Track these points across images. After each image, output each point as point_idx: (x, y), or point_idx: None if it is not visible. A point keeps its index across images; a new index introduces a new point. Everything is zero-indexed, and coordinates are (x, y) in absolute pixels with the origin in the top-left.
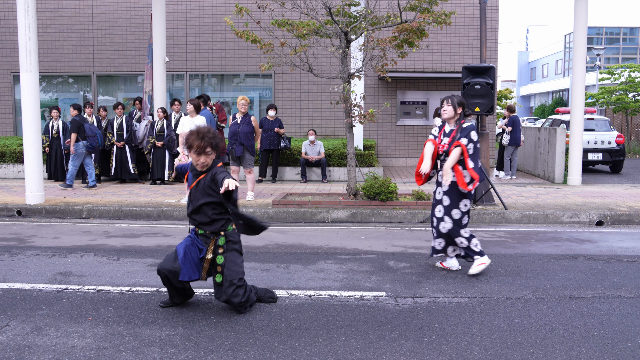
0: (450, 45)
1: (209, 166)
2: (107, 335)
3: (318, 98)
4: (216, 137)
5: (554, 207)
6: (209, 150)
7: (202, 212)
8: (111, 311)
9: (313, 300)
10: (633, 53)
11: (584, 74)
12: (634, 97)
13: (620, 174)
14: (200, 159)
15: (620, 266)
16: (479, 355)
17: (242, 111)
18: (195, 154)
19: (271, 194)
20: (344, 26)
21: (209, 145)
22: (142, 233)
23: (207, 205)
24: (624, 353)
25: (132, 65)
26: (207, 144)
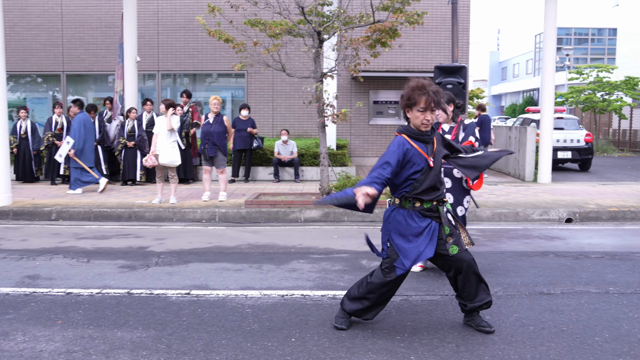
0: (423, 45)
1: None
2: (77, 339)
3: (291, 98)
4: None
5: (525, 205)
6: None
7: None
8: (81, 314)
9: (286, 300)
10: (601, 53)
11: (553, 74)
12: (601, 97)
13: (589, 172)
14: (427, 116)
15: (589, 262)
16: (451, 352)
17: (215, 111)
18: (422, 111)
19: (244, 194)
20: (316, 26)
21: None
22: (112, 234)
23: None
24: (592, 347)
25: (102, 65)
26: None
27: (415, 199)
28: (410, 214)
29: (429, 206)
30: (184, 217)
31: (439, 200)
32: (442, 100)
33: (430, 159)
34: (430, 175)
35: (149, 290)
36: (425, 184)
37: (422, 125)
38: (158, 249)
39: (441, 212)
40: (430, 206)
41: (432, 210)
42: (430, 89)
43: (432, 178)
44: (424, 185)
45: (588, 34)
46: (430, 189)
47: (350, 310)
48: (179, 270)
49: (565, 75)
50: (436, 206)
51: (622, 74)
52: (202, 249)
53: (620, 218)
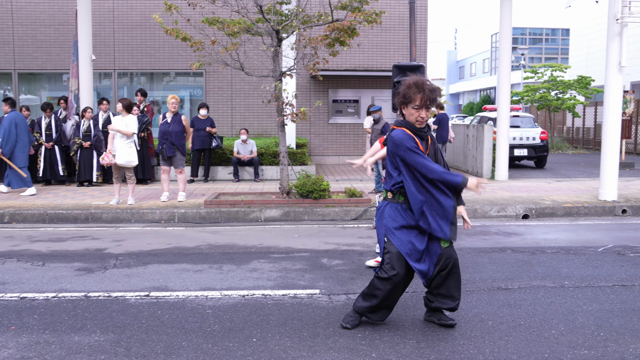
0: (381, 44)
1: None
2: (32, 344)
3: (250, 97)
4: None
5: (483, 202)
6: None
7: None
8: (36, 319)
9: (247, 300)
10: (555, 53)
11: (509, 73)
12: (556, 95)
13: (544, 169)
14: (422, 113)
15: (545, 257)
16: (412, 348)
17: (173, 110)
18: (417, 109)
19: (203, 194)
20: (275, 24)
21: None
22: (69, 237)
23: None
24: (548, 340)
25: (56, 63)
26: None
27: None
28: (404, 207)
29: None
30: (142, 218)
31: None
32: (437, 97)
33: (426, 154)
34: None
35: (107, 293)
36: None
37: (417, 122)
38: (116, 250)
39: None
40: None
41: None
42: (426, 87)
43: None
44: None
45: (542, 34)
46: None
47: (359, 309)
48: (138, 272)
49: (520, 74)
50: None
51: (575, 73)
52: (161, 250)
53: (575, 214)
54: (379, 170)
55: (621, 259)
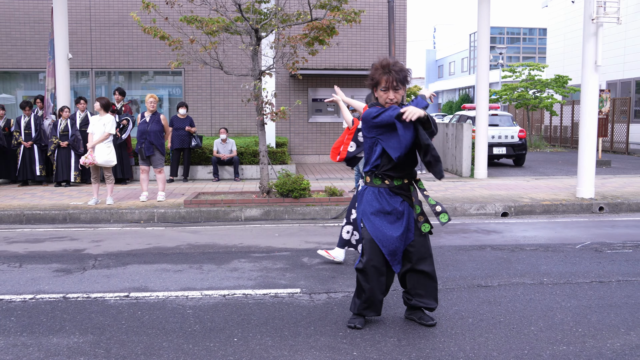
0: (360, 43)
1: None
2: (9, 347)
3: (229, 96)
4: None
5: (462, 200)
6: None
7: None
8: (13, 321)
9: (227, 300)
10: (532, 52)
11: (487, 72)
12: (533, 94)
13: (523, 167)
14: (390, 95)
15: (524, 255)
16: (393, 346)
17: (151, 109)
18: (385, 91)
19: (183, 194)
20: (254, 23)
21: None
22: (46, 238)
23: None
24: (528, 337)
25: (32, 62)
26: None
27: (385, 175)
28: (380, 191)
29: (399, 184)
30: (121, 218)
31: (410, 179)
32: (406, 78)
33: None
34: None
35: (85, 294)
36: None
37: (386, 104)
38: (95, 251)
39: (412, 190)
40: (400, 184)
41: (403, 189)
42: (393, 69)
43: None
44: (392, 161)
45: (520, 33)
46: (400, 166)
47: (354, 309)
48: (117, 273)
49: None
50: (407, 184)
51: (552, 72)
52: (141, 250)
53: (553, 211)
54: (359, 168)
55: (598, 256)
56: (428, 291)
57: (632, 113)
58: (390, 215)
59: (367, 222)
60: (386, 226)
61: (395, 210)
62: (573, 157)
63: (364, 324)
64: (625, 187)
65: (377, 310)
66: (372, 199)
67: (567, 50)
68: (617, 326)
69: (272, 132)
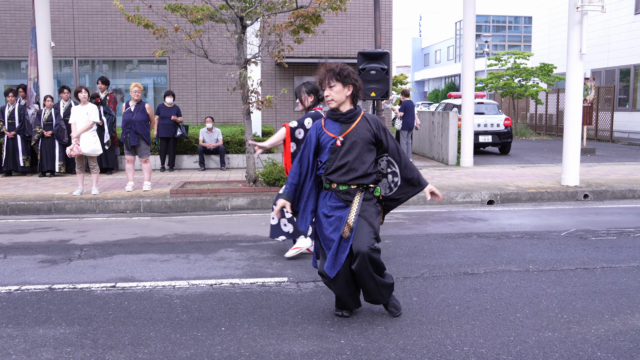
0: (346, 31)
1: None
2: None
3: (215, 84)
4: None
5: (449, 188)
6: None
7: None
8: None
9: (215, 289)
10: (517, 40)
11: (473, 60)
12: (519, 82)
13: (509, 155)
14: (326, 92)
15: (510, 242)
16: (380, 334)
17: (136, 99)
18: (323, 90)
19: (169, 183)
20: (239, 11)
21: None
22: (31, 228)
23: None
24: (514, 324)
25: (13, 50)
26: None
27: (329, 180)
28: (326, 193)
29: (344, 189)
30: (107, 208)
31: (358, 184)
32: (338, 72)
33: (338, 138)
34: (340, 156)
35: (72, 285)
36: (335, 164)
37: (328, 103)
38: (80, 241)
39: (355, 198)
40: (346, 189)
41: (350, 194)
42: (324, 68)
43: (342, 158)
44: (334, 165)
45: (505, 21)
46: (341, 170)
47: (335, 308)
48: (103, 263)
49: (484, 61)
50: (355, 190)
51: (537, 61)
52: (127, 240)
53: (538, 199)
54: None
55: (583, 243)
56: (372, 295)
57: (616, 101)
58: (328, 217)
59: (316, 223)
60: (325, 226)
61: (335, 210)
62: (558, 145)
63: (351, 312)
64: (610, 174)
65: (354, 304)
66: (320, 198)
67: (552, 39)
68: (602, 312)
69: (258, 121)
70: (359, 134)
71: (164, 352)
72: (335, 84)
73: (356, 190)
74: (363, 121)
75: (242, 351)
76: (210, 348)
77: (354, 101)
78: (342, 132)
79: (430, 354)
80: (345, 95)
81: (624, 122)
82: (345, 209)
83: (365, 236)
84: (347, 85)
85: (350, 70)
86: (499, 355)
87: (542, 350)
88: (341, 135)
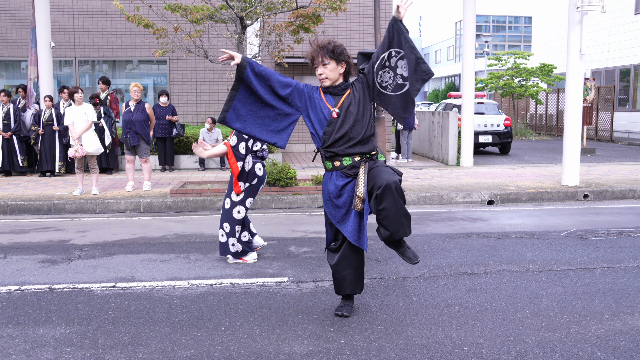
0: (346, 31)
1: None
2: None
3: (215, 84)
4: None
5: (449, 188)
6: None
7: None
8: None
9: (215, 289)
10: (517, 40)
11: (473, 60)
12: (519, 82)
13: (509, 155)
14: (318, 70)
15: (510, 242)
16: (380, 334)
17: (136, 98)
18: (315, 67)
19: (169, 183)
20: (239, 11)
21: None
22: (31, 228)
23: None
24: (514, 324)
25: (13, 50)
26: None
27: (331, 154)
28: (332, 175)
29: (349, 163)
30: (107, 208)
31: (361, 155)
32: (331, 48)
33: (334, 110)
34: (337, 127)
35: (72, 285)
36: (333, 137)
37: (320, 80)
38: (80, 241)
39: (361, 169)
40: (351, 162)
41: (355, 167)
42: (315, 44)
43: (340, 130)
44: (332, 137)
45: (505, 21)
46: (341, 140)
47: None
48: (103, 263)
49: (484, 61)
50: (359, 162)
51: (537, 61)
52: (127, 240)
53: (538, 199)
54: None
55: (583, 243)
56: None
57: (616, 101)
58: (339, 199)
59: (325, 212)
60: (331, 202)
61: (342, 190)
62: (558, 145)
63: (352, 312)
64: (610, 174)
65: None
66: (325, 181)
67: (553, 39)
68: (602, 312)
69: None
70: (354, 98)
71: (164, 352)
72: (329, 62)
73: (360, 162)
74: (353, 86)
75: (242, 351)
76: (210, 348)
77: (345, 78)
78: (336, 104)
79: (430, 354)
80: (339, 73)
81: (624, 122)
82: (353, 181)
83: (386, 173)
84: (341, 62)
85: (343, 47)
86: (499, 355)
87: (542, 350)
88: (336, 107)
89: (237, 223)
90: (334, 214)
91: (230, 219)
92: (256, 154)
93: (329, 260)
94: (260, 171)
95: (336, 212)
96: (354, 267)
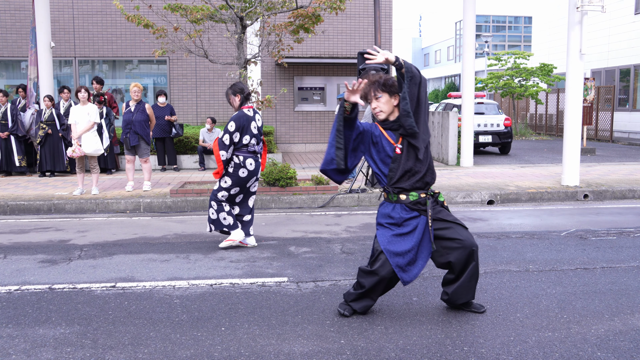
0: (346, 31)
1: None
2: None
3: (215, 84)
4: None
5: (449, 188)
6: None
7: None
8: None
9: (215, 289)
10: (517, 40)
11: (473, 60)
12: (519, 82)
13: (509, 155)
14: (372, 105)
15: (510, 242)
16: (380, 334)
17: (136, 99)
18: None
19: (169, 183)
20: (239, 11)
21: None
22: (31, 228)
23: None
24: (514, 324)
25: (13, 50)
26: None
27: (399, 190)
28: (393, 206)
29: (415, 199)
30: (107, 208)
31: (426, 189)
32: (382, 86)
33: (397, 146)
34: (403, 162)
35: (72, 285)
36: (399, 172)
37: (376, 115)
38: (80, 241)
39: (428, 204)
40: (417, 199)
41: (420, 203)
42: (367, 81)
43: (405, 164)
44: (398, 173)
45: (505, 21)
46: (407, 174)
47: (346, 296)
48: (103, 263)
49: (484, 61)
50: (424, 199)
51: (537, 61)
52: (127, 240)
53: (538, 199)
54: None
55: (583, 243)
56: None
57: (616, 101)
58: (399, 227)
59: (378, 231)
60: (393, 237)
61: (405, 223)
62: (558, 145)
63: (352, 312)
64: (610, 174)
65: (364, 308)
66: (383, 210)
67: (553, 39)
68: (602, 312)
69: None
70: (417, 144)
71: (164, 352)
72: (381, 95)
73: (425, 199)
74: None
75: (242, 351)
76: (210, 348)
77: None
78: (397, 139)
79: (430, 354)
80: (393, 105)
81: (624, 122)
82: (419, 217)
83: (470, 236)
84: (394, 95)
85: (394, 80)
86: (499, 355)
87: (542, 350)
88: (399, 142)
89: (222, 202)
90: (397, 245)
91: (215, 199)
92: (247, 149)
93: (364, 281)
94: (251, 166)
95: (400, 244)
96: (382, 291)
